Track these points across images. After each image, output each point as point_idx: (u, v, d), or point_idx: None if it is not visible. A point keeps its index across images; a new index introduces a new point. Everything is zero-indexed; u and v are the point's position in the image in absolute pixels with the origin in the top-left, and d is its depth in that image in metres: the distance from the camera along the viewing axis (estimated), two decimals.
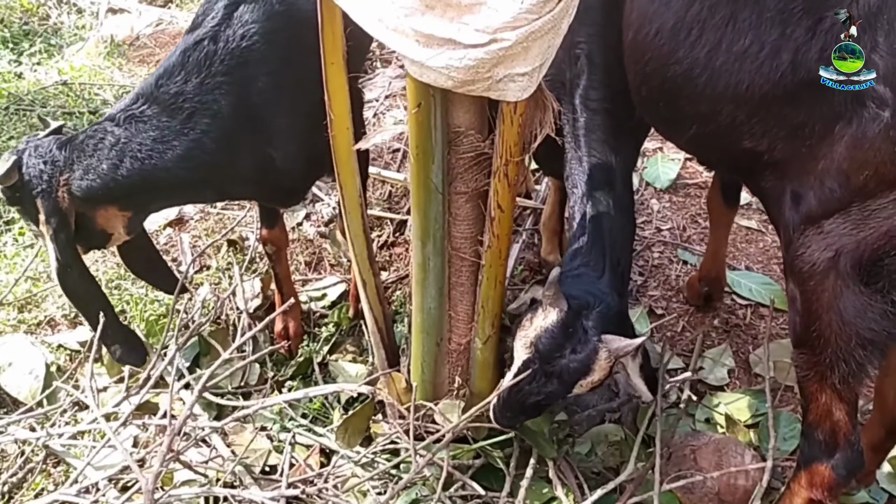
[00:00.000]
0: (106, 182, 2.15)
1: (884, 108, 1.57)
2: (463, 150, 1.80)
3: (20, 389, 2.66)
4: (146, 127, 2.14)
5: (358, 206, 2.03)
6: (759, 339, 2.95)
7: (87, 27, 4.60)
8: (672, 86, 1.96)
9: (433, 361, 2.30)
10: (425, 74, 1.54)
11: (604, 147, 2.13)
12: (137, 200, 2.28)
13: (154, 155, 2.13)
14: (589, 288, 2.00)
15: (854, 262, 1.67)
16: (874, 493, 2.37)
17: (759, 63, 1.75)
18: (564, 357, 1.95)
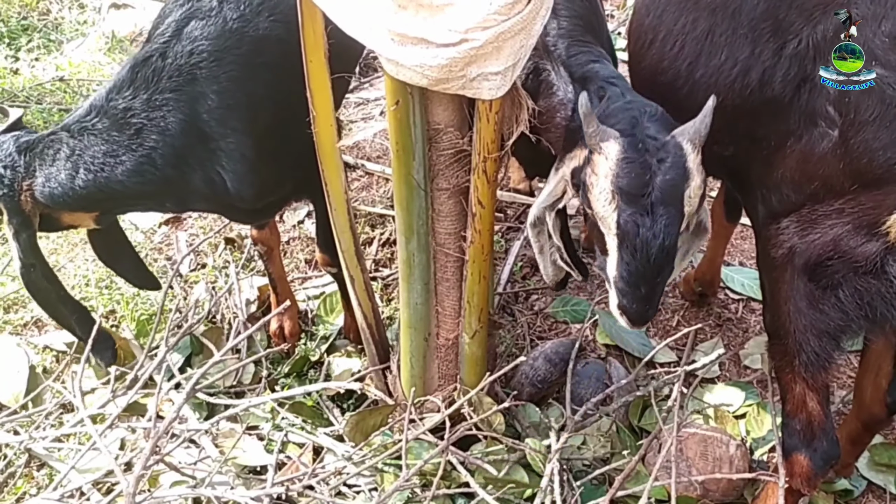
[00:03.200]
0: (66, 191, 2.15)
1: (833, 128, 1.68)
2: (443, 147, 1.82)
3: (3, 392, 2.64)
4: (97, 140, 2.13)
5: (343, 201, 2.06)
6: (750, 332, 2.98)
7: (89, 22, 4.52)
8: (661, 93, 2.02)
9: (422, 357, 2.32)
10: (401, 72, 1.57)
11: (588, 55, 2.03)
12: (101, 206, 2.27)
13: (105, 168, 2.12)
14: (619, 107, 1.77)
15: (804, 261, 1.76)
16: (854, 480, 2.41)
17: (731, 79, 1.85)
18: (657, 174, 1.65)
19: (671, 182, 1.66)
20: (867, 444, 2.33)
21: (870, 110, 1.59)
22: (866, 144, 1.60)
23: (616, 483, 2.24)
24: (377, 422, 2.43)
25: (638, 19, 2.14)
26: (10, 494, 2.39)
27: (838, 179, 1.67)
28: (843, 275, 1.69)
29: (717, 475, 2.23)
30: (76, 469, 2.29)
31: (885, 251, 1.61)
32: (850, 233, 1.65)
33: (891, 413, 2.13)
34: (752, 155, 1.88)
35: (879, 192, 1.60)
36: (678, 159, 1.67)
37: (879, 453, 2.43)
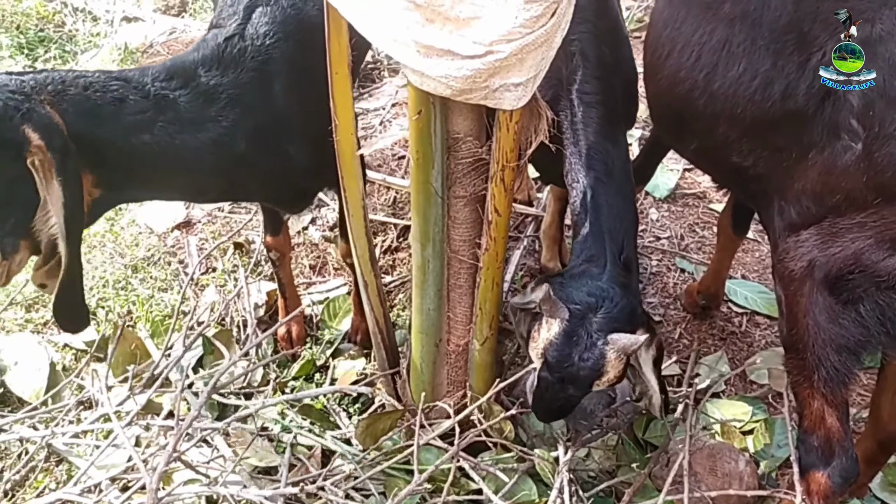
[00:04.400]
0: (107, 140, 1.93)
1: (856, 140, 1.69)
2: (461, 155, 1.86)
3: (25, 388, 2.68)
4: (180, 109, 2.07)
5: (361, 208, 2.09)
6: (755, 346, 2.99)
7: (102, 34, 4.65)
8: (678, 104, 2.07)
9: (432, 362, 2.35)
10: (425, 83, 1.60)
11: (600, 137, 2.15)
12: (121, 178, 2.05)
13: (182, 138, 2.06)
14: (590, 289, 2.00)
15: (824, 275, 1.76)
16: (867, 500, 2.41)
17: (751, 91, 1.86)
18: (573, 366, 1.98)
19: (584, 375, 1.99)
20: (883, 464, 2.31)
21: (895, 124, 1.60)
22: (891, 158, 1.60)
23: (626, 497, 2.26)
24: (386, 426, 2.45)
25: (655, 31, 2.16)
26: (31, 489, 2.42)
27: (861, 193, 1.67)
28: (865, 289, 1.68)
29: (730, 491, 2.22)
30: (94, 465, 2.32)
31: None
32: (872, 247, 1.65)
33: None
34: (771, 166, 1.89)
35: None
36: (597, 362, 1.97)
37: (893, 474, 2.43)
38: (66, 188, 1.81)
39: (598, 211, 2.12)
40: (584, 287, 2.02)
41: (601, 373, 1.98)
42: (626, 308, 2.01)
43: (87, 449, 2.49)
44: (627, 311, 2.01)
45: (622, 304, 2.00)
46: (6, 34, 4.50)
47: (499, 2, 1.42)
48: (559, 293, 2.02)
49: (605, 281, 2.03)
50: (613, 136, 2.23)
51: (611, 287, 2.01)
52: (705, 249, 3.42)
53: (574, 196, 2.21)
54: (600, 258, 2.08)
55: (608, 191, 2.14)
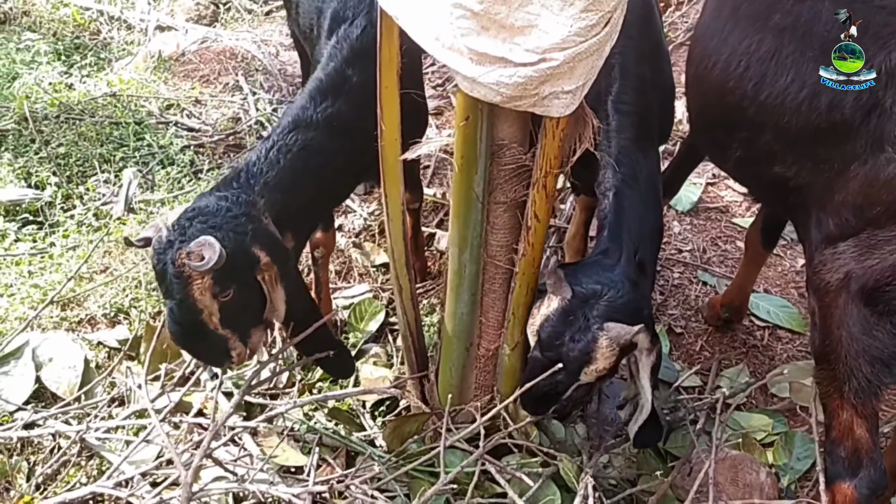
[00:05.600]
0: (300, 195, 2.34)
1: None
2: (505, 161, 1.89)
3: (59, 384, 2.73)
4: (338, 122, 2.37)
5: (400, 213, 2.14)
6: (777, 360, 3.01)
7: (136, 43, 4.78)
8: (725, 114, 2.10)
9: (461, 366, 2.37)
10: (476, 90, 1.65)
11: (632, 147, 2.20)
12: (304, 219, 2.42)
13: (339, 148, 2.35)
14: (599, 277, 2.02)
15: (860, 286, 1.78)
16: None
17: (798, 102, 1.90)
18: (564, 345, 1.98)
19: (573, 356, 2.00)
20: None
21: None
22: None
23: (651, 502, 2.27)
24: (413, 429, 2.47)
25: (701, 44, 2.20)
26: (63, 483, 2.45)
27: None
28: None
29: (755, 501, 2.23)
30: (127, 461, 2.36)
31: None
32: None
33: None
34: (813, 177, 1.91)
35: None
36: (588, 345, 1.98)
37: None
38: (289, 288, 2.19)
39: (621, 212, 2.16)
40: (594, 275, 2.05)
41: (590, 358, 1.98)
42: (631, 303, 2.03)
43: (120, 444, 2.52)
44: (632, 306, 2.03)
45: (627, 298, 2.02)
46: (44, 40, 4.61)
47: (554, 11, 1.47)
48: (569, 276, 2.03)
49: (616, 273, 2.06)
50: (645, 148, 2.28)
51: (620, 280, 2.03)
52: (727, 263, 3.45)
53: (604, 205, 2.23)
54: (615, 253, 2.11)
55: (633, 194, 2.18)
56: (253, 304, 2.17)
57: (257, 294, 2.15)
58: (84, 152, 3.76)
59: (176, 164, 3.76)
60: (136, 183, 3.57)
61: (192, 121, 4.09)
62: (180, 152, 3.82)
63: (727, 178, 3.83)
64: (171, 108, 4.19)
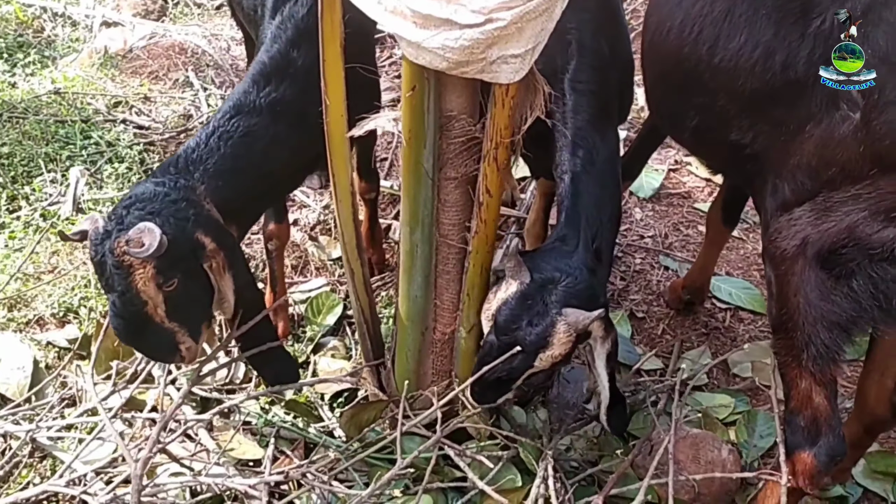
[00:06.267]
0: (245, 183, 2.26)
1: (855, 110, 1.68)
2: (454, 134, 1.85)
3: (8, 386, 2.65)
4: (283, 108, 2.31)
5: (348, 193, 2.08)
6: (738, 341, 3.01)
7: (81, 40, 4.66)
8: (681, 81, 2.06)
9: (417, 351, 2.32)
10: (421, 56, 1.60)
11: (589, 129, 2.16)
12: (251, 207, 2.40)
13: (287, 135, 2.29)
14: (558, 263, 2.00)
15: (816, 251, 1.76)
16: (849, 487, 2.41)
17: (752, 62, 1.86)
18: (521, 329, 1.95)
19: (530, 341, 1.96)
20: (867, 447, 2.32)
21: (895, 91, 1.59)
22: (889, 126, 1.60)
23: (610, 481, 2.24)
24: (371, 416, 2.42)
25: (656, 11, 2.16)
26: (15, 483, 2.39)
27: (857, 164, 1.66)
28: (858, 263, 1.67)
29: (715, 474, 2.21)
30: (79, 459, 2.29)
31: None
32: (866, 219, 1.64)
33: (895, 413, 2.12)
34: (769, 142, 1.88)
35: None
36: (546, 329, 1.95)
37: (876, 461, 2.43)
38: (238, 276, 2.12)
39: (578, 198, 2.13)
40: (553, 261, 2.03)
41: (548, 343, 1.96)
42: (589, 290, 2.01)
43: (72, 443, 2.46)
44: (589, 292, 2.02)
45: (585, 285, 2.00)
46: None
47: None
48: (528, 261, 2.01)
49: (574, 260, 2.04)
50: (602, 129, 2.24)
51: (578, 267, 2.01)
52: (689, 248, 3.45)
53: (561, 189, 2.20)
54: (573, 240, 2.09)
55: (589, 179, 2.15)
56: (201, 295, 2.09)
57: (205, 284, 2.07)
58: (29, 151, 3.64)
59: (125, 161, 3.65)
60: (84, 182, 3.47)
61: (142, 118, 3.97)
62: (128, 148, 3.71)
63: (689, 163, 3.84)
64: (119, 105, 4.07)
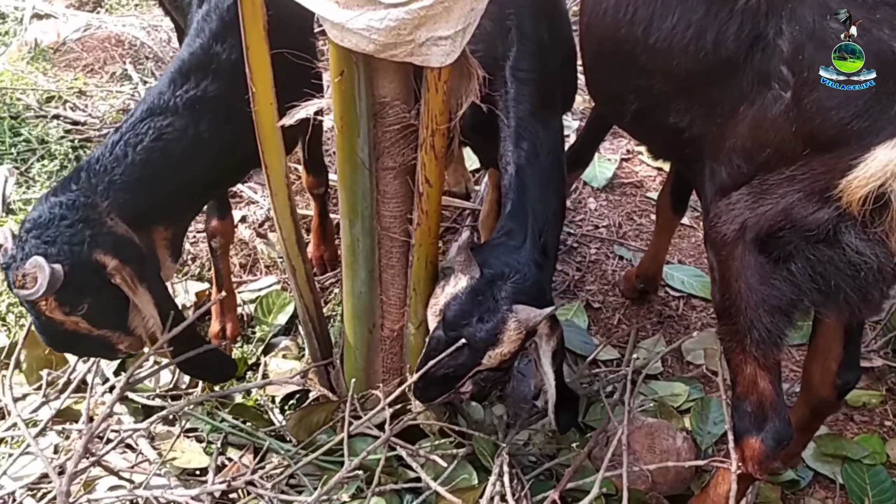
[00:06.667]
0: (165, 184, 2.15)
1: (786, 89, 1.66)
2: (389, 122, 1.78)
3: None
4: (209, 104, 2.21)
5: (284, 186, 1.99)
6: (691, 328, 3.01)
7: (11, 33, 4.48)
8: (618, 63, 2.02)
9: (366, 349, 2.26)
10: (346, 38, 1.53)
11: (532, 119, 2.11)
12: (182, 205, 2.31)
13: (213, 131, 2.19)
14: (506, 259, 1.96)
15: (755, 234, 1.73)
16: (800, 471, 2.42)
17: (685, 42, 1.83)
18: (471, 325, 1.91)
19: (480, 337, 1.92)
20: (815, 431, 2.32)
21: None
22: (819, 104, 1.57)
23: (566, 475, 2.21)
24: (321, 419, 2.35)
25: None
26: None
27: (790, 144, 1.64)
28: (795, 245, 1.65)
29: (669, 464, 2.19)
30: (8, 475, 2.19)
31: (837, 218, 1.58)
32: (801, 200, 1.62)
33: (840, 396, 2.12)
34: (706, 125, 1.85)
35: (831, 156, 1.57)
36: (496, 326, 1.91)
37: (826, 444, 2.44)
38: (153, 290, 2.05)
39: (523, 191, 2.09)
40: (501, 256, 1.99)
41: (497, 340, 1.92)
42: (537, 286, 1.99)
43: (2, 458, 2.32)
44: (537, 288, 1.99)
45: (533, 281, 1.97)
46: None
47: None
48: (477, 256, 1.97)
49: (522, 256, 2.00)
50: (545, 119, 2.19)
51: (526, 263, 1.98)
52: (643, 237, 3.44)
53: (506, 179, 2.16)
54: (519, 235, 2.05)
55: (533, 172, 2.11)
56: (123, 304, 2.05)
57: (122, 295, 2.02)
58: None
59: (57, 158, 3.51)
60: (14, 181, 3.32)
61: (77, 113, 3.82)
62: (60, 145, 3.57)
63: (641, 153, 3.83)
64: (52, 100, 3.91)
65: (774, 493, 2.35)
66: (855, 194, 1.53)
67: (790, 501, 2.36)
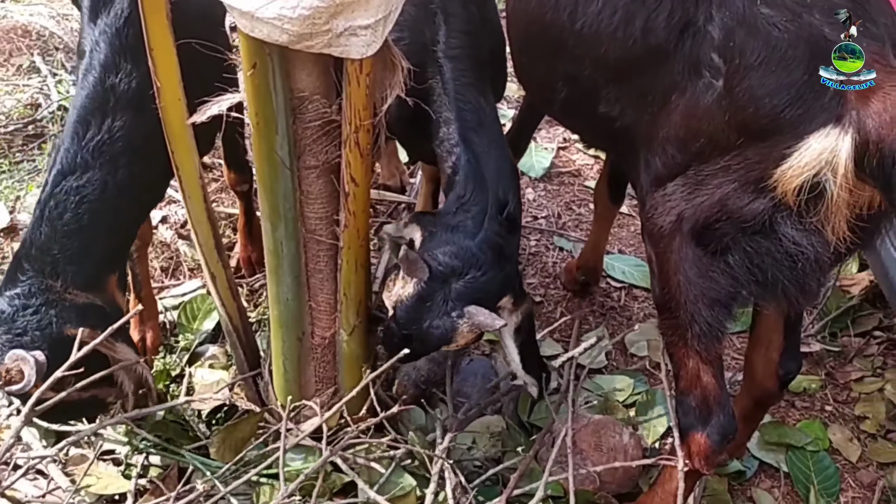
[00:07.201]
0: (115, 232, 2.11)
1: (718, 77, 1.60)
2: (309, 117, 1.65)
3: None
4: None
5: (199, 187, 1.85)
6: (634, 319, 2.97)
7: None
8: (545, 50, 1.95)
9: (296, 359, 2.14)
10: (257, 28, 1.39)
11: (472, 91, 2.01)
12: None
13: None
14: (459, 249, 1.84)
15: (691, 226, 1.69)
16: (745, 461, 2.40)
17: (613, 28, 1.76)
18: (422, 330, 1.84)
19: (431, 340, 1.87)
20: (759, 421, 2.30)
21: (755, 54, 1.51)
22: (751, 92, 1.53)
23: (511, 482, 2.14)
24: (246, 434, 2.21)
25: None
26: None
27: (724, 134, 1.59)
28: (732, 237, 1.61)
29: (616, 464, 2.14)
30: None
31: (773, 208, 1.54)
32: (736, 191, 1.57)
33: (783, 386, 2.10)
34: (638, 114, 1.79)
35: (765, 145, 1.53)
36: (447, 332, 1.84)
37: (769, 432, 2.42)
38: (128, 340, 2.10)
39: (477, 159, 1.95)
40: (454, 246, 1.87)
41: (449, 340, 1.87)
42: (495, 279, 1.88)
43: None
44: (496, 281, 1.88)
45: (490, 275, 1.86)
46: None
47: None
48: (427, 243, 1.87)
49: (478, 243, 1.88)
50: (484, 92, 2.10)
51: (482, 252, 1.86)
52: (583, 227, 3.40)
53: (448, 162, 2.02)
54: (479, 209, 1.91)
55: (482, 141, 1.99)
56: (104, 363, 2.02)
57: (100, 355, 2.00)
58: None
59: None
60: None
61: None
62: None
63: (577, 141, 3.78)
64: None
65: (721, 485, 2.32)
66: (790, 184, 1.49)
67: (737, 493, 2.34)
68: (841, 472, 2.35)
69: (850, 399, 2.60)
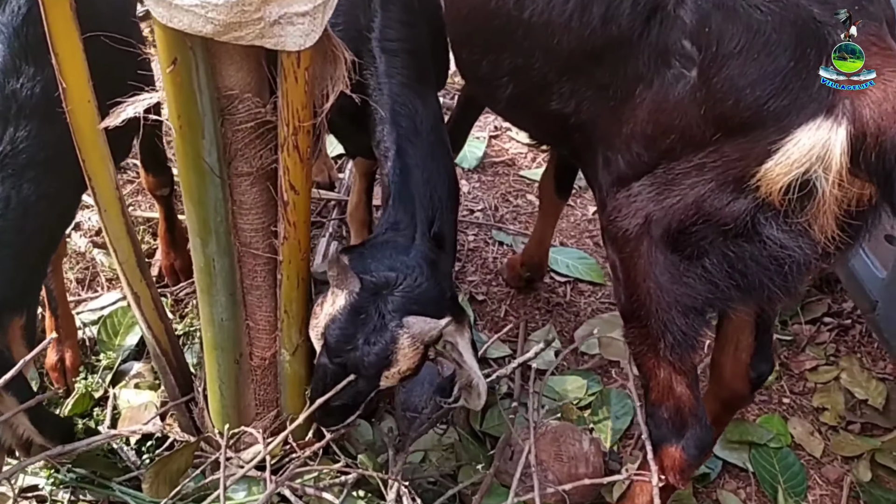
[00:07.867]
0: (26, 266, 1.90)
1: (690, 67, 1.50)
2: (240, 119, 1.48)
3: None
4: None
5: (115, 199, 1.64)
6: (581, 315, 2.90)
7: None
8: (490, 41, 1.84)
9: (234, 382, 1.98)
10: (176, 17, 1.21)
11: (408, 93, 1.88)
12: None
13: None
14: (392, 262, 1.73)
15: (663, 230, 1.59)
16: (709, 462, 2.32)
17: (567, 16, 1.65)
18: (357, 349, 1.69)
19: (369, 362, 1.71)
20: (726, 424, 2.23)
21: (735, 40, 1.41)
22: (731, 82, 1.42)
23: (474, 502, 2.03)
24: (181, 465, 2.03)
25: None
26: None
27: (698, 129, 1.48)
28: (710, 240, 1.51)
29: (585, 482, 2.04)
30: None
31: (755, 209, 1.44)
32: (714, 191, 1.47)
33: (754, 389, 2.03)
34: (596, 110, 1.68)
35: (746, 140, 1.43)
36: (386, 347, 1.70)
37: (730, 430, 2.36)
38: (18, 393, 1.80)
39: (407, 176, 1.84)
40: (386, 259, 1.75)
41: (390, 361, 1.71)
42: (431, 290, 1.76)
43: None
44: (433, 293, 1.76)
45: (427, 286, 1.74)
46: None
47: None
48: (356, 263, 1.72)
49: (412, 256, 1.77)
50: (423, 93, 1.96)
51: (417, 264, 1.74)
52: (521, 219, 3.32)
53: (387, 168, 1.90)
54: (408, 228, 1.81)
55: (417, 152, 1.88)
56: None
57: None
58: None
59: None
60: None
61: None
62: None
63: (510, 129, 3.70)
64: None
65: (686, 489, 2.26)
66: (775, 183, 1.40)
67: (702, 496, 2.29)
68: (806, 468, 2.33)
69: (806, 390, 2.59)
